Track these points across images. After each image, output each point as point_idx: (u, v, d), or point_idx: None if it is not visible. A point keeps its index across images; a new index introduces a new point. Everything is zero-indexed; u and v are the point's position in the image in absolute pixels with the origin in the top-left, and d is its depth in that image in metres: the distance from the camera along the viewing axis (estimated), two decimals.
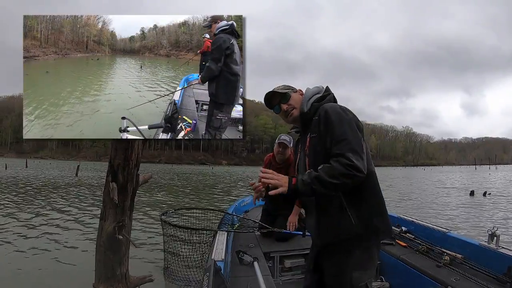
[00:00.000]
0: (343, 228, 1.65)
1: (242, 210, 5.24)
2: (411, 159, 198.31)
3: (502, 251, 2.68)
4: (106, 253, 1.95)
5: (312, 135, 1.73)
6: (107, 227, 1.93)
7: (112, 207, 1.94)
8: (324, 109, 1.69)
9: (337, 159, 1.54)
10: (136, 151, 2.01)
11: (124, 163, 1.95)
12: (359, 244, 1.67)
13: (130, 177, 1.99)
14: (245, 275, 2.65)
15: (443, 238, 3.25)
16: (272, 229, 3.59)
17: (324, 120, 1.66)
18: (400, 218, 4.01)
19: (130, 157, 1.96)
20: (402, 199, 14.89)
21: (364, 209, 1.66)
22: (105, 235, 1.94)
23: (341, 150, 1.56)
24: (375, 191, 1.71)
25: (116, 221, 1.93)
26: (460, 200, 14.18)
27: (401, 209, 11.08)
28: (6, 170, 31.82)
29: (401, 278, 3.12)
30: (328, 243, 1.76)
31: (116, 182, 1.93)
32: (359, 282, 1.68)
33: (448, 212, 10.58)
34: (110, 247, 1.95)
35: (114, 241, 1.92)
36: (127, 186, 1.98)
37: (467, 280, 2.61)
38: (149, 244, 6.25)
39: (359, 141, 1.60)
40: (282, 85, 1.92)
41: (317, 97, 1.84)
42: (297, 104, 1.84)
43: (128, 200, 2.01)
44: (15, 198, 12.23)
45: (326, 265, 1.81)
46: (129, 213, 2.03)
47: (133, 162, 1.99)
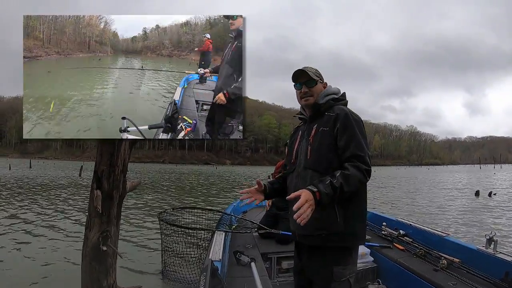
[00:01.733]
0: (327, 223, 1.72)
1: (241, 210, 5.26)
2: (415, 158, 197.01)
3: (500, 256, 2.68)
4: (91, 264, 1.83)
5: (322, 128, 1.81)
6: (91, 237, 1.82)
7: (97, 216, 1.82)
8: (345, 112, 1.79)
9: (356, 165, 1.66)
10: (123, 156, 1.88)
11: (109, 169, 1.84)
12: (338, 242, 1.74)
13: (116, 184, 1.87)
14: (242, 276, 2.66)
15: (440, 242, 3.26)
16: (270, 230, 3.60)
17: (345, 121, 1.75)
18: (398, 221, 4.01)
19: (116, 162, 1.84)
20: (406, 200, 14.75)
21: (351, 211, 1.74)
22: (90, 245, 1.82)
23: (362, 153, 1.68)
24: (363, 199, 1.82)
25: (100, 231, 1.84)
26: (466, 201, 14.03)
27: (404, 212, 11.03)
28: (9, 170, 31.85)
29: (398, 282, 3.12)
30: (307, 235, 1.81)
31: (100, 190, 1.82)
32: (340, 277, 1.74)
33: (453, 214, 10.44)
34: (95, 257, 1.82)
35: (99, 252, 1.79)
36: (113, 194, 1.87)
37: (464, 284, 2.62)
38: (142, 250, 5.97)
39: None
40: (315, 70, 1.98)
41: (334, 97, 1.93)
42: (317, 94, 1.92)
43: (114, 208, 1.88)
44: (16, 198, 12.24)
45: (308, 263, 1.88)
46: (115, 222, 1.90)
47: (119, 168, 1.86)
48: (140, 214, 9.79)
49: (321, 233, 1.74)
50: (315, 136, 1.82)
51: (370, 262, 3.45)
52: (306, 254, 1.88)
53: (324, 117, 1.84)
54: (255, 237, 3.86)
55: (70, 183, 19.70)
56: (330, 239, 1.73)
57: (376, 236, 3.94)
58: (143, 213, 9.92)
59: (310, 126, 1.90)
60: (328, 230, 1.73)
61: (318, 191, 1.56)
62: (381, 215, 4.47)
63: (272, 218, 4.15)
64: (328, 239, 1.74)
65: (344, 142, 1.72)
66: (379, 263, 3.41)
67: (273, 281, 3.34)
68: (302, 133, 1.96)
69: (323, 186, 1.58)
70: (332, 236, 1.73)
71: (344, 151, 1.71)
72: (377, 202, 13.17)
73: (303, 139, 1.92)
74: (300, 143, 1.93)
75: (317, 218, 1.70)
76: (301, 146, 1.91)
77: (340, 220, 1.71)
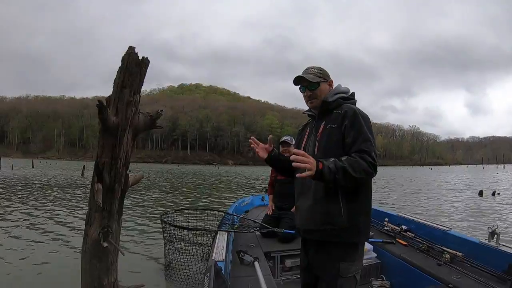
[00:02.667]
0: (331, 217, 1.74)
1: (242, 210, 5.29)
2: (418, 159, 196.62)
3: (503, 248, 2.70)
4: (91, 261, 1.76)
5: (330, 125, 1.83)
6: (92, 233, 1.75)
7: (98, 210, 1.75)
8: (353, 109, 1.80)
9: (362, 156, 1.66)
10: (125, 148, 1.82)
11: (111, 161, 1.77)
12: (342, 237, 1.74)
13: (118, 177, 1.80)
14: (246, 275, 2.65)
15: (443, 237, 3.28)
16: (272, 229, 3.64)
17: (353, 118, 1.76)
18: (400, 217, 4.04)
19: (118, 154, 1.77)
20: (410, 201, 14.68)
21: (355, 206, 1.76)
22: (90, 242, 1.75)
23: (368, 148, 1.69)
24: (368, 195, 1.84)
25: (101, 227, 1.76)
26: (469, 201, 13.94)
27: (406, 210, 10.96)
28: (12, 170, 31.94)
29: (402, 277, 3.13)
30: (312, 230, 1.83)
31: (102, 183, 1.75)
32: (346, 273, 1.75)
33: (460, 214, 10.34)
34: (96, 254, 1.74)
35: (99, 248, 1.72)
36: (115, 187, 1.80)
37: (467, 278, 2.63)
38: (144, 248, 5.96)
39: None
40: (317, 69, 1.99)
41: (343, 96, 1.94)
42: (322, 94, 1.94)
43: (115, 202, 1.81)
44: (16, 198, 12.23)
45: (314, 259, 1.88)
46: (117, 217, 1.83)
47: (122, 160, 1.80)
48: (142, 212, 9.84)
49: (325, 227, 1.75)
50: (323, 133, 1.85)
51: (374, 258, 3.45)
52: (313, 249, 1.88)
53: (332, 115, 1.86)
54: (257, 236, 3.86)
55: (71, 183, 19.73)
56: (334, 234, 1.75)
57: (378, 232, 3.96)
58: (145, 212, 9.96)
59: (319, 123, 1.92)
60: (332, 225, 1.74)
61: (321, 162, 1.59)
62: (383, 211, 4.49)
63: (274, 217, 4.16)
64: (332, 234, 1.75)
65: (352, 138, 1.73)
66: (383, 259, 3.42)
67: (277, 280, 3.33)
68: (311, 130, 1.98)
69: (327, 161, 1.61)
70: (336, 231, 1.74)
71: (351, 147, 1.72)
72: (382, 202, 13.06)
73: (311, 136, 1.95)
74: (308, 140, 1.96)
75: (321, 212, 1.76)
76: (309, 142, 1.95)
77: (344, 215, 1.72)
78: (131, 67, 1.82)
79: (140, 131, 1.94)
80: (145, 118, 1.95)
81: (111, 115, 1.76)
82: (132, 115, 1.85)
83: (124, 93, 1.81)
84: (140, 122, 1.91)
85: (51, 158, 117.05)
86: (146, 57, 1.88)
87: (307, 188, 1.85)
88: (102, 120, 1.72)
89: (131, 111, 1.84)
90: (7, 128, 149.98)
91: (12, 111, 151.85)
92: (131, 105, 1.83)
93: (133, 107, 1.85)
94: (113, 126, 1.77)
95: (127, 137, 1.84)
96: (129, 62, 1.82)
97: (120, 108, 1.81)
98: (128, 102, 1.82)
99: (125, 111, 1.82)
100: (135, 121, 1.87)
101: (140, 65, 1.86)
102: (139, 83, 1.86)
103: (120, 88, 1.81)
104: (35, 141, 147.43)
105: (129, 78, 1.81)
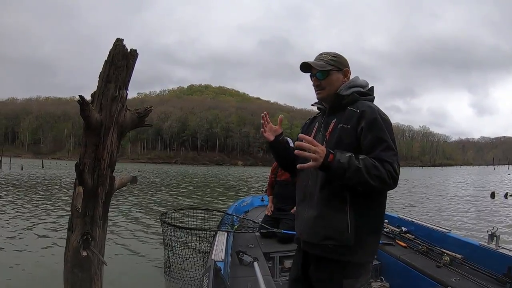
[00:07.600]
0: (335, 231, 1.52)
1: (242, 210, 5.32)
2: (428, 159, 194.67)
3: (502, 251, 2.68)
4: (73, 270, 1.61)
5: (342, 125, 1.56)
6: (73, 240, 1.61)
7: (79, 216, 1.60)
8: (373, 110, 1.54)
9: (384, 165, 1.42)
10: (110, 148, 1.66)
11: (94, 162, 1.62)
12: (345, 256, 1.52)
13: (102, 179, 1.65)
14: (245, 276, 2.64)
15: (443, 238, 3.28)
16: (271, 229, 3.65)
17: (372, 121, 1.50)
18: (400, 218, 4.04)
19: (101, 155, 1.62)
20: (424, 204, 14.38)
21: (365, 222, 1.52)
22: (71, 250, 1.60)
23: (390, 158, 1.44)
24: (381, 211, 1.60)
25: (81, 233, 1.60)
26: (482, 203, 13.60)
27: (416, 212, 10.73)
28: (22, 170, 32.22)
29: (401, 278, 3.13)
30: (313, 244, 1.60)
31: (83, 186, 1.60)
32: None
33: (473, 218, 10.04)
34: (78, 263, 1.60)
35: (82, 257, 1.59)
36: (98, 191, 1.64)
37: (467, 280, 2.61)
38: (144, 247, 5.90)
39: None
40: (332, 55, 1.70)
41: (360, 90, 1.67)
42: (333, 85, 1.67)
43: (99, 207, 1.65)
44: (17, 197, 12.21)
45: (315, 274, 1.65)
46: (101, 223, 1.67)
47: (106, 161, 1.64)
48: (142, 212, 9.82)
49: (328, 243, 1.53)
50: (332, 133, 1.59)
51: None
52: (313, 265, 1.65)
53: (345, 112, 1.59)
54: (257, 236, 3.87)
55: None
56: (337, 251, 1.52)
57: None
58: (145, 212, 9.93)
59: (328, 120, 1.66)
60: (336, 241, 1.51)
61: (333, 154, 1.38)
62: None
63: (273, 217, 4.13)
64: (335, 251, 1.53)
65: (370, 142, 1.48)
66: (382, 260, 3.41)
67: (276, 280, 3.30)
68: (319, 126, 1.72)
69: (341, 155, 1.40)
70: (339, 248, 1.52)
71: (368, 154, 1.46)
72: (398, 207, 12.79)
73: (318, 133, 1.68)
74: (315, 137, 1.65)
75: (325, 225, 1.54)
76: (316, 140, 1.55)
77: (351, 231, 1.49)
78: (117, 60, 1.67)
79: (126, 130, 1.78)
80: (132, 116, 1.80)
81: (94, 112, 1.61)
82: (117, 112, 1.70)
83: (109, 88, 1.66)
84: (126, 120, 1.76)
85: (61, 159, 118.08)
86: (134, 49, 1.72)
87: (310, 195, 1.62)
88: (84, 117, 1.57)
89: (117, 108, 1.69)
90: (18, 129, 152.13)
91: (23, 112, 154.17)
92: (116, 101, 1.68)
93: (119, 103, 1.70)
94: (97, 124, 1.62)
95: (111, 136, 1.68)
96: (115, 55, 1.67)
97: (105, 104, 1.66)
98: (113, 98, 1.67)
99: (110, 108, 1.67)
100: (121, 119, 1.72)
101: (128, 58, 1.71)
102: (125, 77, 1.70)
103: (105, 82, 1.66)
104: (46, 142, 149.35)
105: (115, 72, 1.66)
